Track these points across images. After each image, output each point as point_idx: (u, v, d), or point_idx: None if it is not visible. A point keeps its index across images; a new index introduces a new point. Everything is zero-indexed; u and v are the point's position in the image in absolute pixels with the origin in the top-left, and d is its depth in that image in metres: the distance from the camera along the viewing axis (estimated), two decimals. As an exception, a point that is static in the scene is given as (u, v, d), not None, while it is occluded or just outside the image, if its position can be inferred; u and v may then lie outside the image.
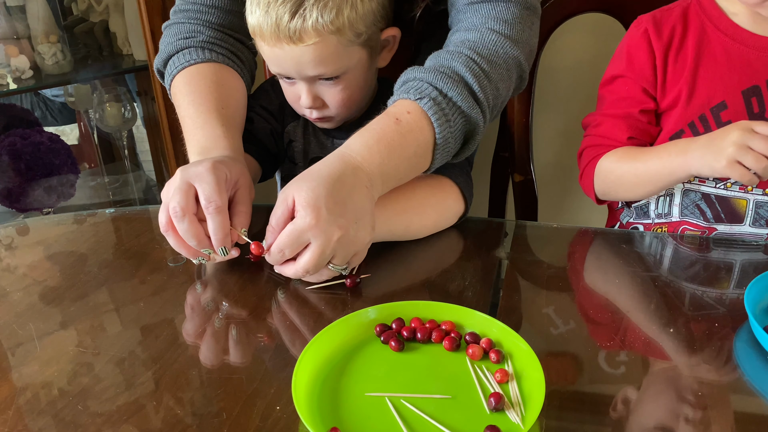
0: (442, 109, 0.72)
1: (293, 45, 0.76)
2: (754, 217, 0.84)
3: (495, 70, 0.76)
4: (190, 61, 0.85)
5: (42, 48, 1.49)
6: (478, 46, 0.76)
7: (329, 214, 0.63)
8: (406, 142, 0.70)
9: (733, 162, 0.74)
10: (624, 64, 0.88)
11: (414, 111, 0.71)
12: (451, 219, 0.81)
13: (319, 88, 0.82)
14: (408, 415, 0.51)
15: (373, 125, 0.71)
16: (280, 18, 0.74)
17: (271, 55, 0.79)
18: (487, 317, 0.59)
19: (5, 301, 0.68)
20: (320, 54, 0.77)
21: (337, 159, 0.68)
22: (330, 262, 0.66)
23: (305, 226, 0.63)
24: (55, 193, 1.52)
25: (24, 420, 0.52)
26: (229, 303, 0.67)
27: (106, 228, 0.85)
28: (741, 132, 0.74)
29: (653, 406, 0.52)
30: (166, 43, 0.88)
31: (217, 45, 0.87)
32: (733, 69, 0.82)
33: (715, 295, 0.67)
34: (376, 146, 0.69)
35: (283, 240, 0.64)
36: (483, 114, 0.75)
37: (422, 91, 0.72)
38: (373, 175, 0.68)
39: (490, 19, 0.77)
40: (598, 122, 0.91)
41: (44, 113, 1.90)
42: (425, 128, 0.71)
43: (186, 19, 0.88)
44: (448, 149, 0.74)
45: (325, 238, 0.64)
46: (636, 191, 0.88)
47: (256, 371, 0.57)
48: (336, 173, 0.66)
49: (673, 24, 0.85)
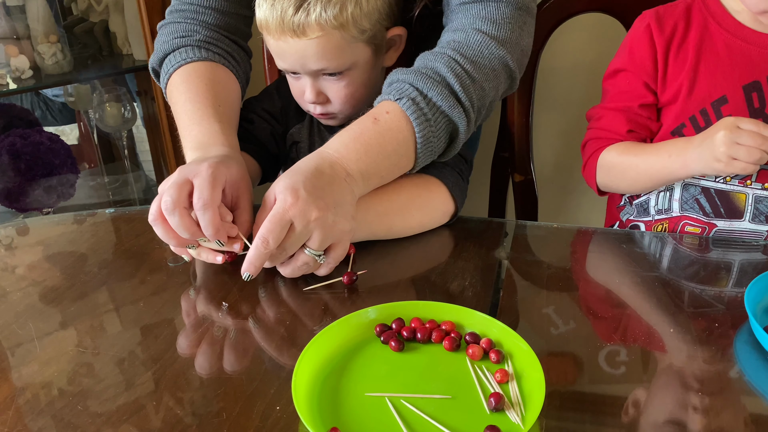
0: (421, 108, 0.73)
1: (297, 39, 0.77)
2: (754, 213, 0.84)
3: (479, 71, 0.76)
4: (186, 59, 0.85)
5: (42, 48, 1.49)
6: (462, 46, 0.77)
7: (308, 195, 0.65)
8: (384, 141, 0.72)
9: (730, 160, 0.76)
10: (626, 58, 0.89)
11: (393, 111, 0.73)
12: (438, 219, 0.80)
13: (323, 83, 0.83)
14: (408, 415, 0.51)
15: (352, 125, 0.73)
16: (285, 11, 0.76)
17: (277, 48, 0.80)
18: (487, 317, 0.59)
19: (5, 301, 0.68)
20: (323, 48, 0.78)
21: (315, 155, 0.70)
22: (306, 245, 0.66)
23: (285, 206, 0.64)
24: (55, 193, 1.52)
25: (24, 420, 0.51)
26: (228, 303, 0.67)
27: (106, 228, 0.85)
28: (727, 131, 0.76)
29: (654, 406, 0.52)
30: (161, 42, 0.89)
31: (213, 45, 0.88)
32: (735, 64, 0.83)
33: (715, 295, 0.67)
34: (352, 144, 0.71)
35: (265, 227, 0.64)
36: (466, 114, 0.76)
37: (402, 91, 0.74)
38: (352, 171, 0.70)
39: (478, 19, 0.78)
40: (600, 115, 0.92)
41: (44, 113, 1.90)
42: (404, 128, 0.73)
43: (182, 19, 0.89)
44: (431, 149, 0.75)
45: (304, 217, 0.64)
46: (637, 186, 0.90)
47: (256, 371, 0.57)
48: (313, 166, 0.68)
49: (676, 19, 0.86)
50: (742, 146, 0.75)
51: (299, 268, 0.68)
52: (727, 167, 0.77)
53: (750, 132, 0.75)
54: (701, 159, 0.79)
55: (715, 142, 0.76)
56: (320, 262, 0.68)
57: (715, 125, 0.79)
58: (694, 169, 0.81)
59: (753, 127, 0.75)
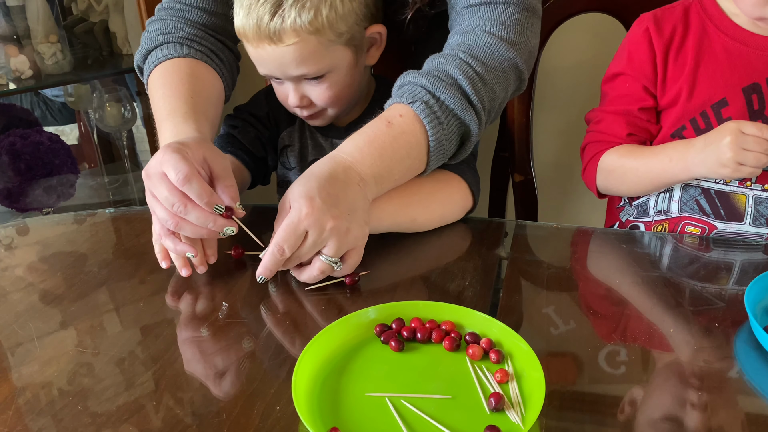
0: (434, 112, 0.73)
1: (274, 45, 0.77)
2: (754, 215, 0.84)
3: (490, 73, 0.76)
4: (167, 55, 0.85)
5: (42, 48, 1.49)
6: (473, 49, 0.77)
7: (323, 203, 0.65)
8: (397, 144, 0.72)
9: (738, 166, 0.77)
10: (625, 62, 0.89)
11: (406, 114, 0.73)
12: (458, 213, 0.82)
13: (305, 87, 0.83)
14: (408, 415, 0.51)
15: (366, 129, 0.73)
16: (261, 19, 0.76)
17: (256, 56, 0.81)
18: (487, 317, 0.59)
19: (5, 301, 0.68)
20: (301, 54, 0.78)
21: (329, 159, 0.70)
22: (321, 252, 0.67)
23: (301, 215, 0.64)
24: (55, 193, 1.52)
25: (24, 420, 0.51)
26: (228, 303, 0.67)
27: (106, 228, 0.85)
28: (733, 136, 0.76)
29: (654, 406, 0.52)
30: (145, 39, 0.89)
31: (196, 42, 0.87)
32: (734, 67, 0.83)
33: (715, 295, 0.67)
34: (366, 148, 0.71)
35: (280, 235, 0.65)
36: (477, 116, 0.76)
37: (415, 94, 0.73)
38: (365, 175, 0.70)
39: (487, 21, 0.78)
40: (599, 118, 0.92)
41: (44, 113, 1.90)
42: (417, 131, 0.73)
43: (168, 16, 0.89)
44: (443, 151, 0.75)
45: (319, 226, 0.64)
46: (637, 189, 0.90)
47: (256, 371, 0.57)
48: (327, 171, 0.68)
49: (674, 23, 0.86)
50: (750, 152, 0.76)
51: (316, 277, 0.68)
52: (734, 173, 0.77)
53: (755, 138, 0.76)
54: (705, 163, 0.79)
55: (720, 148, 0.77)
56: (337, 269, 0.68)
57: (717, 130, 0.79)
58: (697, 172, 0.81)
59: (756, 131, 0.75)
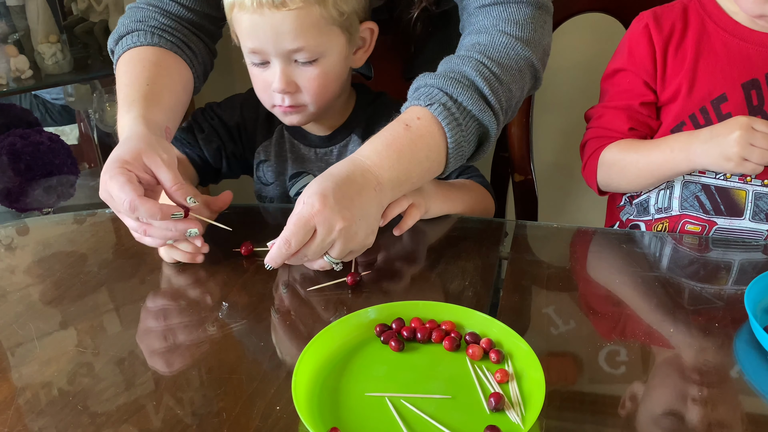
0: (453, 114, 0.72)
1: (275, 10, 0.75)
2: (754, 210, 0.85)
3: (506, 73, 0.76)
4: (136, 43, 0.84)
5: (42, 48, 1.49)
6: (488, 49, 0.76)
7: (336, 203, 0.64)
8: (416, 147, 0.71)
9: (742, 160, 0.77)
10: (625, 58, 0.90)
11: (424, 117, 0.72)
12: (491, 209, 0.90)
13: (294, 70, 0.80)
14: (408, 415, 0.51)
15: (384, 132, 0.72)
16: None
17: (251, 25, 0.77)
18: (487, 317, 0.59)
19: (5, 301, 0.68)
20: (302, 24, 0.76)
21: (348, 161, 0.70)
22: (327, 252, 0.67)
23: (312, 211, 0.64)
24: (55, 193, 1.52)
25: (24, 420, 0.52)
26: (229, 303, 0.67)
27: (106, 228, 0.85)
28: (742, 131, 0.77)
29: (654, 406, 0.52)
30: (120, 24, 0.88)
31: (167, 32, 0.86)
32: (733, 63, 0.84)
33: (714, 295, 0.67)
34: (385, 151, 0.70)
35: (289, 228, 0.64)
36: (495, 117, 0.75)
37: (432, 96, 0.73)
38: (383, 179, 0.69)
39: (501, 21, 0.78)
40: (600, 114, 0.92)
41: (44, 116, 1.90)
42: (436, 133, 0.72)
43: (145, 5, 0.88)
44: (462, 153, 0.75)
45: (328, 225, 0.64)
46: (638, 183, 0.90)
47: (256, 371, 0.57)
48: (345, 173, 0.68)
49: (674, 20, 0.87)
50: (756, 148, 0.76)
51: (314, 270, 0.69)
52: (737, 167, 0.78)
53: (764, 134, 0.76)
54: (708, 155, 0.80)
55: (728, 141, 0.77)
56: (337, 270, 0.69)
57: (725, 123, 0.79)
58: (699, 163, 0.81)
59: (766, 129, 0.76)
